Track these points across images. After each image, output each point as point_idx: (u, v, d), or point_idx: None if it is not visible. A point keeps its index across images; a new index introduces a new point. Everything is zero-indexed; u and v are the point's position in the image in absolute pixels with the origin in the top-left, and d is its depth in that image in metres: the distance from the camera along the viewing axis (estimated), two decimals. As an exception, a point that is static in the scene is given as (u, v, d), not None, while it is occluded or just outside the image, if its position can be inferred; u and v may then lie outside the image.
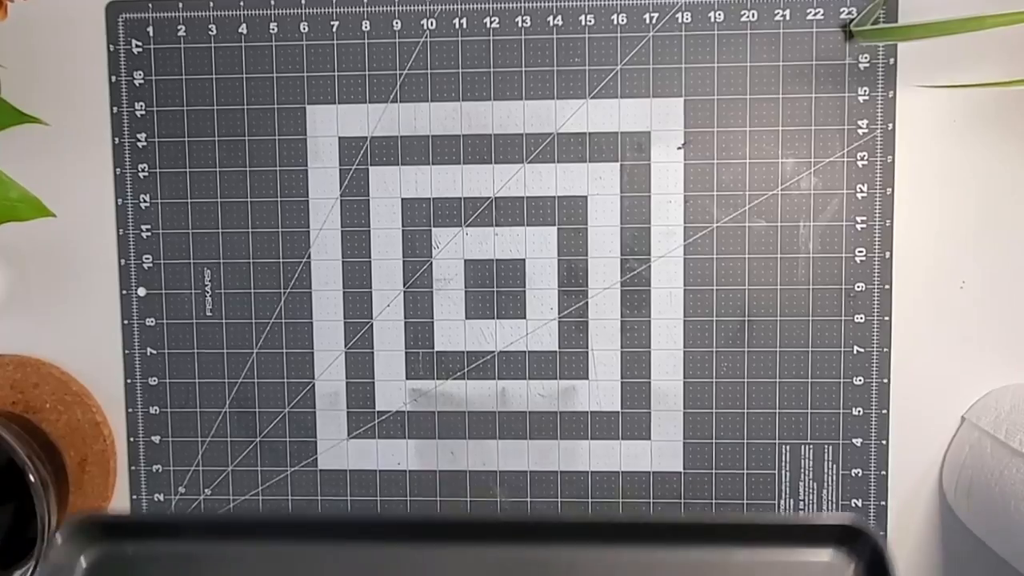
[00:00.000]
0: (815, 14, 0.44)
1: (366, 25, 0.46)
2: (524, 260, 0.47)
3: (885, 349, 0.46)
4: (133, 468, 0.48)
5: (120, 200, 0.47)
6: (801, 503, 0.47)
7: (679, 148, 0.46)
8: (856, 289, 0.45)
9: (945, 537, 0.47)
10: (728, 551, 0.32)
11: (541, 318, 0.47)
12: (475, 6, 0.45)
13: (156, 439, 0.48)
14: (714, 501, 0.47)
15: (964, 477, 0.43)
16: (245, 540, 0.33)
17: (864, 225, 0.45)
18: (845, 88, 0.45)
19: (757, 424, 0.47)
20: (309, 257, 0.48)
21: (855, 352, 0.46)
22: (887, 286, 0.45)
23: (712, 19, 0.45)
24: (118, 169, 0.47)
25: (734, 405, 0.47)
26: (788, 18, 0.45)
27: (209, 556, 0.32)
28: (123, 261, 0.48)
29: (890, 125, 0.45)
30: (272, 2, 0.46)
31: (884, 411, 0.46)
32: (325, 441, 0.48)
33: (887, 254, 0.45)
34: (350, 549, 0.32)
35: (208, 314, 0.48)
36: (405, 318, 0.48)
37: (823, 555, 0.32)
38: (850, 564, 0.32)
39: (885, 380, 0.46)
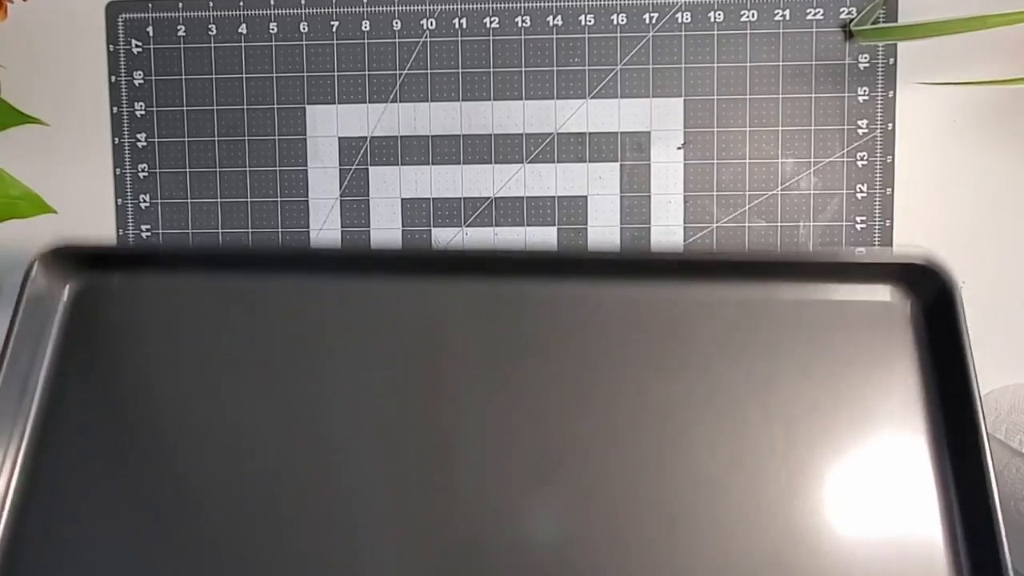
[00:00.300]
0: (815, 14, 0.44)
1: (366, 25, 0.46)
2: (524, 260, 0.47)
3: (885, 349, 0.46)
4: (133, 468, 0.48)
5: (120, 200, 0.47)
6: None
7: (679, 148, 0.46)
8: (856, 289, 0.45)
9: (945, 537, 0.46)
10: (773, 287, 0.30)
11: (541, 318, 0.47)
12: (475, 6, 0.45)
13: (156, 439, 0.48)
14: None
15: (964, 477, 0.44)
16: (234, 272, 0.32)
17: (864, 225, 0.45)
18: (845, 88, 0.45)
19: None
20: (309, 257, 0.48)
21: (855, 352, 0.46)
22: (887, 286, 0.45)
23: (712, 19, 0.45)
24: (118, 169, 0.47)
25: (734, 405, 0.47)
26: (788, 18, 0.45)
27: (197, 289, 0.31)
28: (123, 261, 0.48)
29: (890, 125, 0.45)
30: (272, 2, 0.46)
31: (884, 411, 0.46)
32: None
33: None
34: (339, 281, 0.31)
35: (208, 314, 0.48)
36: (405, 318, 0.48)
37: (879, 294, 0.30)
38: (907, 303, 0.30)
39: (885, 380, 0.46)
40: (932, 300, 0.30)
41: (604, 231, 0.47)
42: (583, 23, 0.45)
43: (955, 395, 0.29)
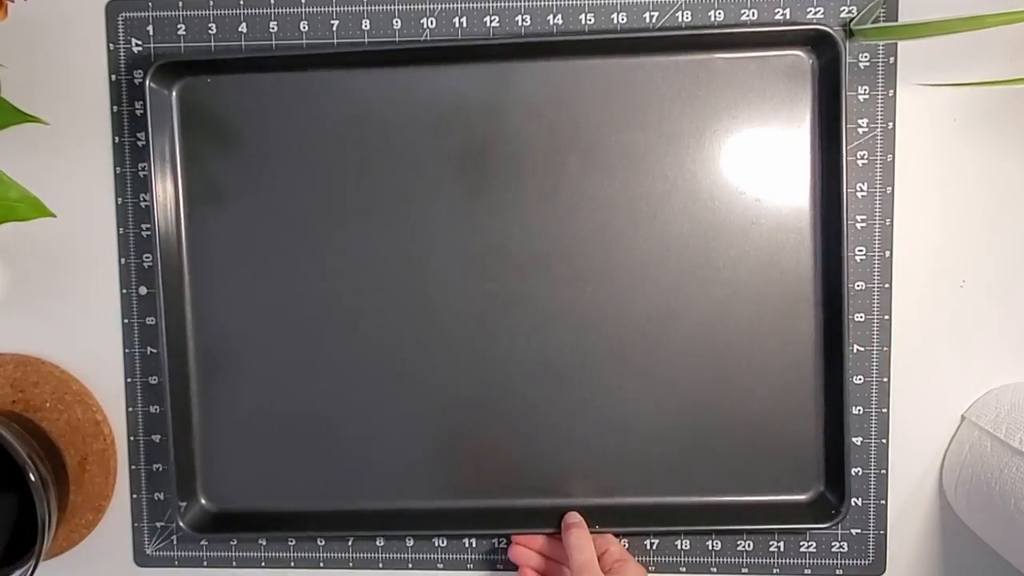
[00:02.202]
0: (815, 13, 0.44)
1: (366, 24, 0.46)
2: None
3: (885, 348, 0.45)
4: (133, 467, 0.48)
5: (120, 199, 0.47)
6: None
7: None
8: (856, 288, 0.45)
9: (945, 536, 0.47)
10: (710, 55, 0.44)
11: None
12: (475, 5, 0.45)
13: (156, 438, 0.48)
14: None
15: (964, 476, 0.43)
16: (297, 71, 0.45)
17: (864, 224, 0.45)
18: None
19: (757, 423, 0.47)
20: (309, 256, 0.48)
21: (855, 351, 0.46)
22: (887, 285, 0.45)
23: (712, 18, 0.45)
24: (118, 168, 0.47)
25: (734, 404, 0.47)
26: (788, 17, 0.45)
27: (267, 83, 0.46)
28: (123, 260, 0.48)
29: (890, 124, 0.45)
30: (272, 1, 0.46)
31: (884, 410, 0.46)
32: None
33: (887, 253, 0.45)
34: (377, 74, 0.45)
35: (208, 313, 0.48)
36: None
37: (791, 54, 0.44)
38: (811, 60, 0.44)
39: (885, 379, 0.46)
40: (827, 59, 0.43)
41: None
42: (583, 22, 0.45)
43: (831, 116, 0.43)
